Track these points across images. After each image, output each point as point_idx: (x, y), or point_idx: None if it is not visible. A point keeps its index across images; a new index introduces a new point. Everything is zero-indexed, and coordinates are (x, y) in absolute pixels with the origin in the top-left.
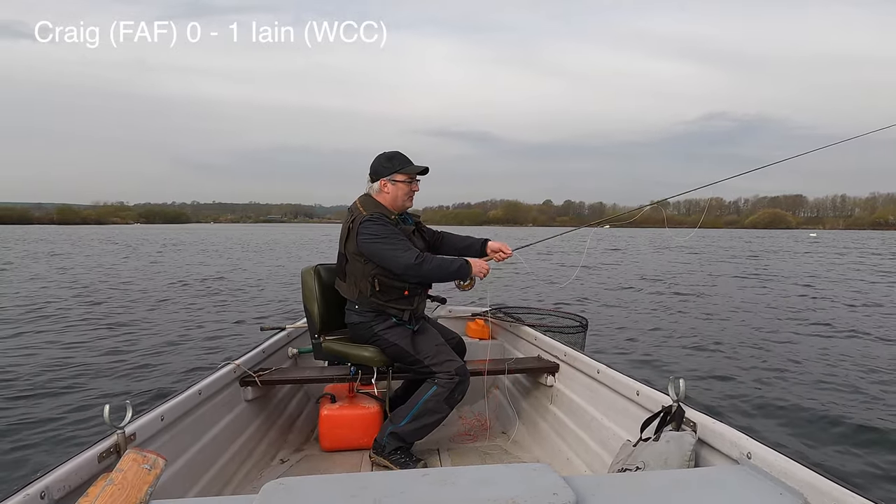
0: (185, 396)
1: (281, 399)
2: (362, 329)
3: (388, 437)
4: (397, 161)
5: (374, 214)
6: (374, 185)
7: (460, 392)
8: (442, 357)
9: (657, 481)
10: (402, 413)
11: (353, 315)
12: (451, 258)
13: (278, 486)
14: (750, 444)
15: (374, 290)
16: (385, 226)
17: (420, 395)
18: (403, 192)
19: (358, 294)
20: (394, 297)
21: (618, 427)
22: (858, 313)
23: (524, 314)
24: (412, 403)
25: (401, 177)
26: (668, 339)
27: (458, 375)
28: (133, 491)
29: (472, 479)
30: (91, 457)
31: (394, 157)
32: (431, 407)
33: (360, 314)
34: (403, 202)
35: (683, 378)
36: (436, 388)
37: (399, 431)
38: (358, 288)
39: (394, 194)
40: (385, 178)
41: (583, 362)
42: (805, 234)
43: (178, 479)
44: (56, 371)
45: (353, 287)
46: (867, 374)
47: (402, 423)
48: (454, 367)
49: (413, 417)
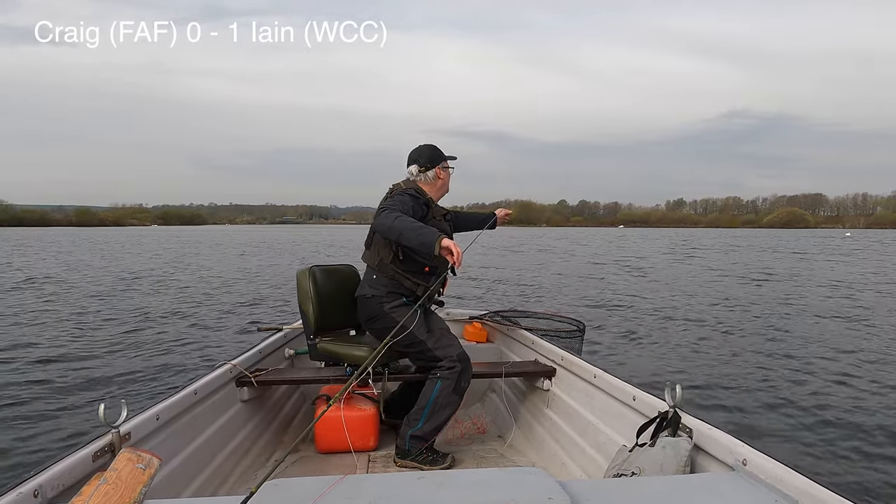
0: (181, 396)
1: (277, 400)
2: (372, 304)
3: (410, 441)
4: (439, 150)
5: (409, 188)
6: (430, 174)
7: (465, 380)
8: (445, 341)
9: (652, 487)
10: (416, 415)
11: (366, 288)
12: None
13: (273, 488)
14: (745, 451)
15: (395, 259)
16: (415, 197)
17: (428, 394)
18: (449, 178)
19: (378, 261)
20: (412, 270)
21: (614, 432)
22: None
23: (522, 318)
24: (423, 404)
25: (447, 164)
26: (670, 343)
27: (459, 362)
28: (127, 490)
29: (468, 482)
30: (85, 455)
31: (436, 147)
32: (443, 402)
33: (374, 286)
34: (447, 188)
35: (680, 384)
36: (441, 383)
37: (420, 433)
38: (379, 255)
39: (445, 180)
40: (439, 166)
41: (580, 367)
42: (841, 234)
43: (172, 478)
44: (51, 370)
45: (374, 254)
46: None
47: (420, 425)
48: (456, 352)
49: (428, 416)
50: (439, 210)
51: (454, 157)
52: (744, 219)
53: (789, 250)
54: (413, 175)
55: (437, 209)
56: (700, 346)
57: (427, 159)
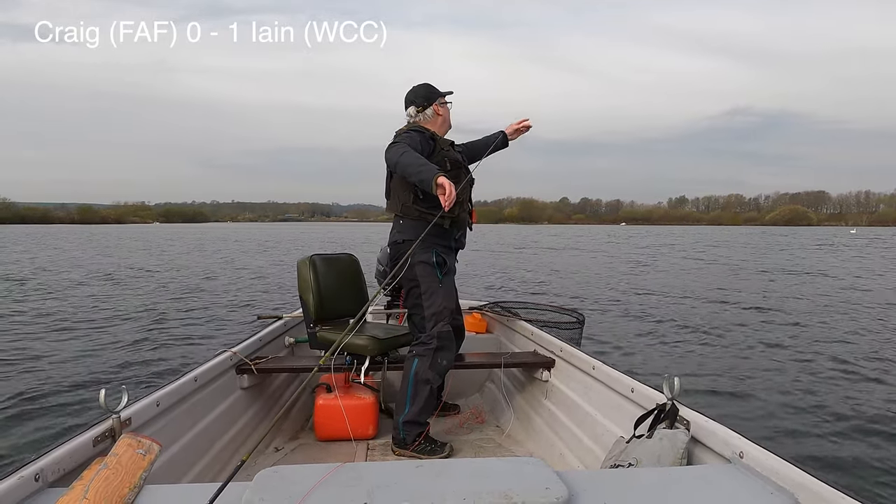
0: (182, 383)
1: (277, 388)
2: (404, 249)
3: (403, 427)
4: (434, 87)
5: (413, 127)
6: (428, 112)
7: (443, 357)
8: (440, 317)
9: (649, 478)
10: (401, 400)
11: (395, 234)
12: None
13: (272, 474)
14: (742, 444)
15: (416, 198)
16: (420, 133)
17: (408, 374)
18: (449, 113)
19: (401, 207)
20: (435, 205)
21: (612, 423)
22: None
23: (521, 309)
24: (405, 386)
25: (444, 100)
26: (671, 335)
27: (437, 339)
28: (127, 475)
29: (466, 471)
30: (86, 440)
31: (430, 85)
32: (422, 378)
33: (403, 231)
34: (449, 123)
35: (678, 377)
36: (417, 361)
37: (409, 418)
38: (401, 201)
39: (445, 116)
40: (436, 103)
41: (579, 358)
42: (846, 231)
43: (172, 464)
44: (53, 356)
45: (396, 201)
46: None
47: (406, 409)
48: (438, 330)
49: (412, 398)
50: (445, 141)
51: (451, 92)
52: (746, 216)
53: (796, 247)
54: (412, 116)
55: (442, 141)
56: (700, 339)
57: (423, 98)
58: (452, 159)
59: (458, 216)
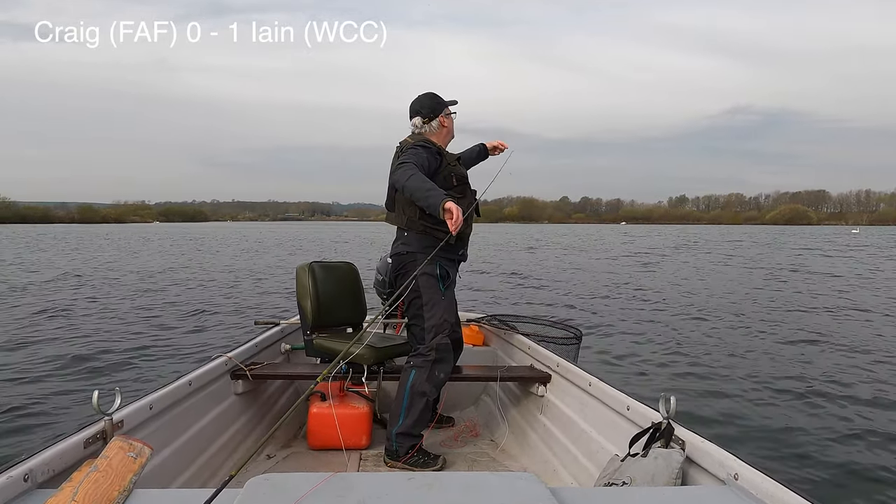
0: (175, 386)
1: (271, 394)
2: (406, 260)
3: (396, 439)
4: (440, 97)
5: (419, 141)
6: (433, 123)
7: (441, 370)
8: (440, 329)
9: (642, 497)
10: (396, 411)
11: (400, 245)
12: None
13: (263, 482)
14: (737, 465)
15: (422, 213)
16: (426, 148)
17: (404, 385)
18: (453, 124)
19: (406, 221)
20: (440, 221)
21: (606, 441)
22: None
23: (519, 323)
24: (400, 397)
25: (450, 110)
26: (667, 353)
27: (436, 351)
28: (117, 478)
29: (459, 484)
30: (77, 442)
31: (436, 95)
32: (418, 390)
33: (409, 243)
34: (452, 134)
35: (675, 395)
36: (415, 372)
37: (403, 430)
38: (406, 214)
39: (449, 127)
40: (442, 115)
41: (575, 374)
42: (847, 230)
43: (163, 468)
44: (47, 356)
45: (401, 214)
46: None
47: (400, 421)
48: (438, 342)
49: (407, 410)
50: (452, 156)
51: (455, 102)
52: (746, 215)
53: (801, 248)
54: (418, 127)
55: (449, 156)
56: (698, 359)
57: (429, 109)
58: (459, 175)
59: (465, 236)
